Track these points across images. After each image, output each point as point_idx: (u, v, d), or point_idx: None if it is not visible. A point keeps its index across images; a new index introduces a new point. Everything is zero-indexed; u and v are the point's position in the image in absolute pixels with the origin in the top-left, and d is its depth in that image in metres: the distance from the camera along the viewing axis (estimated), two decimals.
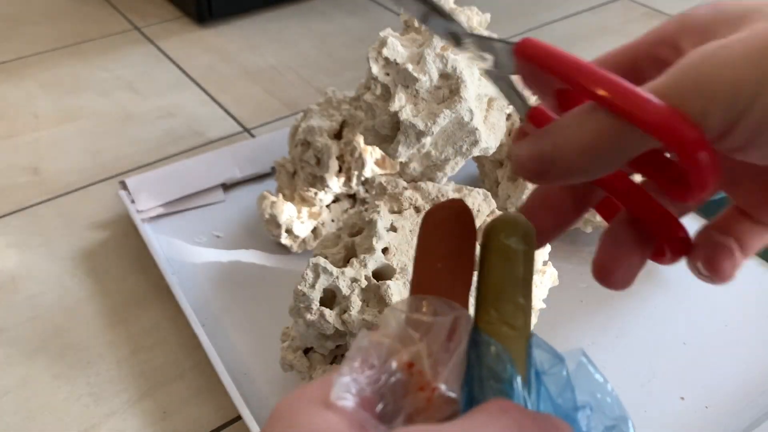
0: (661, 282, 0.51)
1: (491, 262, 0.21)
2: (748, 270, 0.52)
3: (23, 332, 0.49)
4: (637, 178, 0.24)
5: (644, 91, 0.18)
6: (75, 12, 0.97)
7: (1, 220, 0.59)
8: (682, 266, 0.23)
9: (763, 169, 0.22)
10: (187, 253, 0.55)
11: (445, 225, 0.22)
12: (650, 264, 0.48)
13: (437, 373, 0.18)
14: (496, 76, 0.24)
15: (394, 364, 0.18)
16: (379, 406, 0.18)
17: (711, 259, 0.23)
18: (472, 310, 0.21)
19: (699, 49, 0.18)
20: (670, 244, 0.23)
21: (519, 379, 0.19)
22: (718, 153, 0.18)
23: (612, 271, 0.22)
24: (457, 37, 0.24)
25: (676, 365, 0.45)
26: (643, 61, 0.21)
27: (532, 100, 0.24)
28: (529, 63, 0.21)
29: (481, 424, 0.17)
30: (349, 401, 0.18)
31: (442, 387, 0.18)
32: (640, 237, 0.23)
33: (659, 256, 0.23)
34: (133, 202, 0.58)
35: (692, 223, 0.24)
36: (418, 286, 0.21)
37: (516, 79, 0.23)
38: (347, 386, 0.18)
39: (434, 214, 0.22)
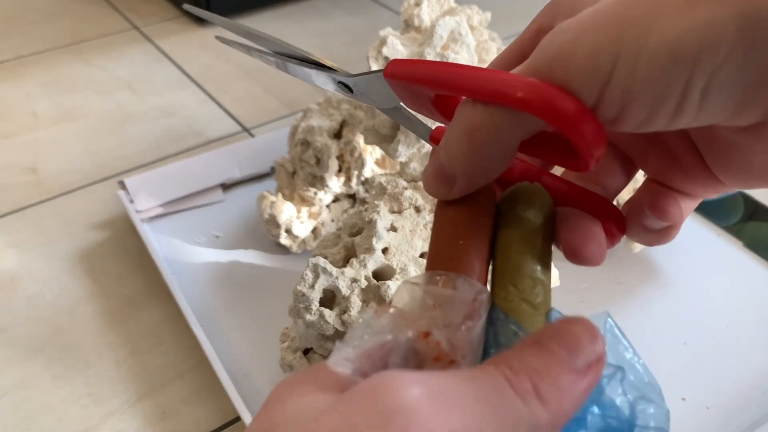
0: (662, 282, 0.51)
1: (509, 236, 0.20)
2: (748, 270, 0.52)
3: (22, 332, 0.49)
4: (559, 169, 0.23)
5: (511, 73, 0.18)
6: (74, 11, 0.97)
7: (0, 220, 0.59)
8: (682, 266, 0.23)
9: (664, 140, 0.22)
10: (186, 253, 0.55)
11: (466, 201, 0.21)
12: (649, 264, 0.48)
13: (455, 346, 0.18)
14: (391, 111, 0.24)
15: (409, 333, 0.18)
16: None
17: (656, 203, 0.22)
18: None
19: (557, 25, 0.18)
20: (605, 226, 0.22)
21: None
22: (598, 120, 0.17)
23: (581, 249, 0.21)
24: (346, 86, 0.24)
25: (677, 365, 0.45)
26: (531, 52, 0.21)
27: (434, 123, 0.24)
28: (399, 81, 0.21)
29: (468, 376, 0.16)
30: (346, 369, 0.17)
31: (461, 361, 0.17)
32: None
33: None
34: (132, 202, 0.57)
35: (686, 219, 0.24)
36: (435, 262, 0.20)
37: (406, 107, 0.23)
38: (347, 354, 0.17)
39: None
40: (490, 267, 0.21)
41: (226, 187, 0.61)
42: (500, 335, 0.19)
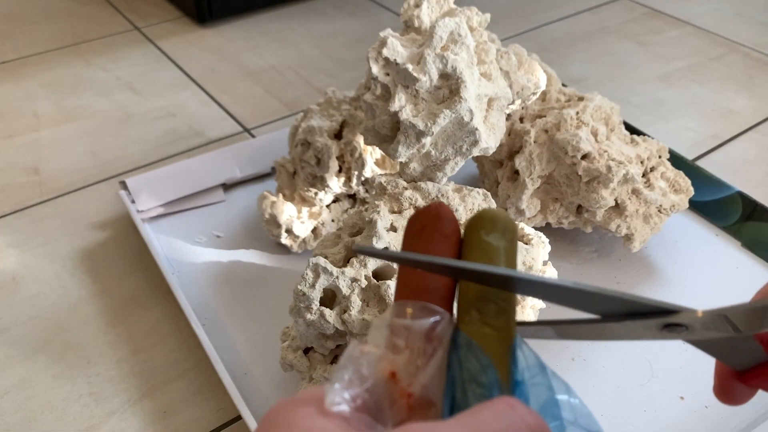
0: (660, 281, 0.51)
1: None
2: (746, 269, 0.52)
3: (23, 332, 0.49)
4: None
5: None
6: (75, 12, 0.98)
7: (2, 220, 0.59)
8: (681, 266, 0.23)
9: None
10: (187, 253, 0.55)
11: (427, 229, 0.21)
12: (648, 264, 0.48)
13: (413, 379, 0.18)
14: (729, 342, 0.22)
15: (379, 375, 0.18)
16: (370, 416, 0.18)
17: None
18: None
19: None
20: None
21: (500, 383, 0.18)
22: None
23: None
24: (675, 326, 0.21)
25: (676, 365, 0.45)
26: None
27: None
28: None
29: (486, 421, 0.17)
30: (344, 406, 0.17)
31: (417, 392, 0.18)
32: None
33: None
34: (133, 202, 0.58)
35: (684, 219, 0.24)
36: (401, 292, 0.21)
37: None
38: (341, 394, 0.18)
39: (416, 220, 0.22)
40: (458, 292, 0.21)
41: (226, 187, 0.61)
42: (464, 359, 0.19)
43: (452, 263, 0.20)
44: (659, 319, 0.21)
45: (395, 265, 0.39)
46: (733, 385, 0.25)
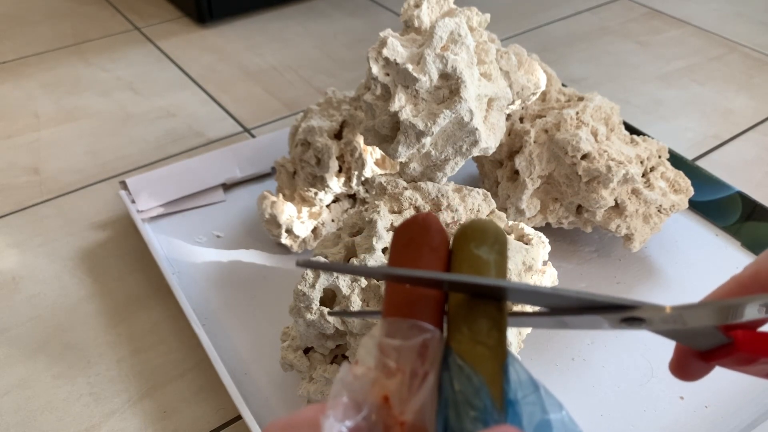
0: (660, 281, 0.51)
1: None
2: None
3: (23, 332, 0.49)
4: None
5: None
6: (75, 12, 0.98)
7: (1, 220, 0.59)
8: (680, 266, 0.23)
9: None
10: (187, 253, 0.55)
11: (415, 242, 0.20)
12: (648, 264, 0.48)
13: (406, 404, 0.18)
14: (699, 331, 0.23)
15: (371, 400, 0.18)
16: None
17: None
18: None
19: None
20: None
21: (494, 406, 0.18)
22: None
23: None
24: (634, 320, 0.21)
25: None
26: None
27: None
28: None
29: None
30: None
31: (410, 419, 0.17)
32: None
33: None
34: (133, 202, 0.58)
35: (684, 219, 0.24)
36: (389, 309, 0.20)
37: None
38: (338, 427, 0.17)
39: (403, 231, 0.21)
40: (447, 307, 0.20)
41: (226, 187, 0.62)
42: (456, 380, 0.18)
43: (400, 272, 0.19)
44: (618, 313, 0.21)
45: None
46: (692, 362, 0.26)
